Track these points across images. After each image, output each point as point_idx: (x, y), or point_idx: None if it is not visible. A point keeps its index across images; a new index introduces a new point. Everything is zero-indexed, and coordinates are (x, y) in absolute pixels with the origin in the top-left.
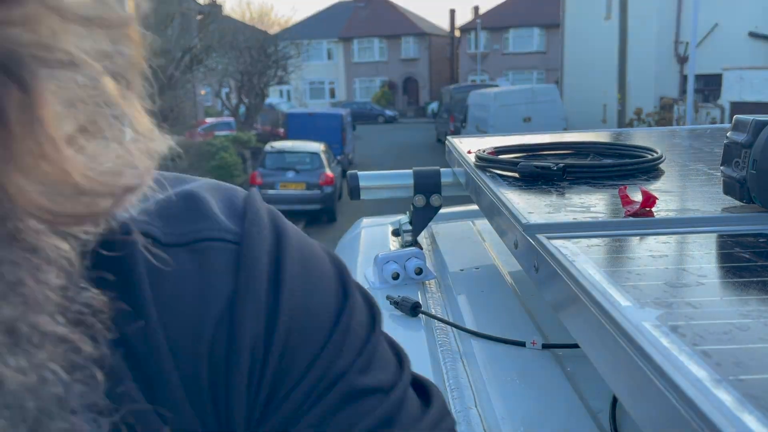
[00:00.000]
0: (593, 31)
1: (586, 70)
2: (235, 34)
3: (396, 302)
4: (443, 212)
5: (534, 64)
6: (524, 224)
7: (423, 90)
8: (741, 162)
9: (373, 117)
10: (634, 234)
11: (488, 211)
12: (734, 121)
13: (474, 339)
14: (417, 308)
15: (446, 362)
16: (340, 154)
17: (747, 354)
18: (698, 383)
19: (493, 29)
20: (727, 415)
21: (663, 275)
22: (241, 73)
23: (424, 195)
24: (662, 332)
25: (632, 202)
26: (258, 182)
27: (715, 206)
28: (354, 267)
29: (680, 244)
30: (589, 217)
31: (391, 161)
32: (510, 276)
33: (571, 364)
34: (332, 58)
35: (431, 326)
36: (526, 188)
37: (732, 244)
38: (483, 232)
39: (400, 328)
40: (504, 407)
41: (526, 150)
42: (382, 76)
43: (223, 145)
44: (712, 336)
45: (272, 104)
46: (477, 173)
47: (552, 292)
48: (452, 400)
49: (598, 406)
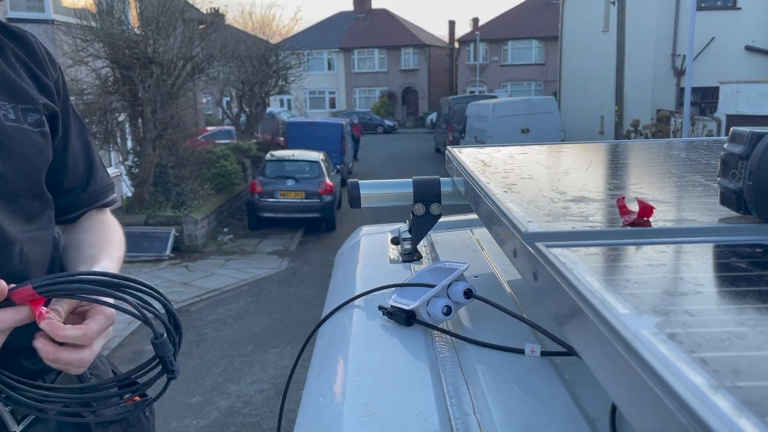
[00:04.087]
0: (591, 44)
1: (583, 82)
2: (236, 43)
3: (390, 312)
4: (442, 221)
5: (532, 76)
6: (523, 233)
7: (422, 100)
8: (738, 173)
9: (372, 127)
10: (632, 243)
11: (487, 219)
12: (731, 133)
13: (472, 347)
14: (411, 318)
15: (445, 369)
16: (339, 164)
17: (744, 361)
18: (696, 390)
19: (492, 41)
20: (725, 421)
21: (661, 284)
22: (243, 82)
23: (423, 204)
24: (660, 339)
25: (630, 212)
26: (258, 190)
27: (712, 217)
28: (353, 275)
29: (677, 254)
30: (587, 226)
31: (391, 170)
32: (509, 284)
33: (569, 371)
34: (333, 68)
35: (429, 334)
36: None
37: (729, 254)
38: (482, 240)
39: (395, 336)
40: (503, 414)
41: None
42: (381, 86)
43: (223, 153)
44: (710, 343)
45: (273, 113)
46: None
47: (551, 301)
48: (451, 407)
49: (597, 413)
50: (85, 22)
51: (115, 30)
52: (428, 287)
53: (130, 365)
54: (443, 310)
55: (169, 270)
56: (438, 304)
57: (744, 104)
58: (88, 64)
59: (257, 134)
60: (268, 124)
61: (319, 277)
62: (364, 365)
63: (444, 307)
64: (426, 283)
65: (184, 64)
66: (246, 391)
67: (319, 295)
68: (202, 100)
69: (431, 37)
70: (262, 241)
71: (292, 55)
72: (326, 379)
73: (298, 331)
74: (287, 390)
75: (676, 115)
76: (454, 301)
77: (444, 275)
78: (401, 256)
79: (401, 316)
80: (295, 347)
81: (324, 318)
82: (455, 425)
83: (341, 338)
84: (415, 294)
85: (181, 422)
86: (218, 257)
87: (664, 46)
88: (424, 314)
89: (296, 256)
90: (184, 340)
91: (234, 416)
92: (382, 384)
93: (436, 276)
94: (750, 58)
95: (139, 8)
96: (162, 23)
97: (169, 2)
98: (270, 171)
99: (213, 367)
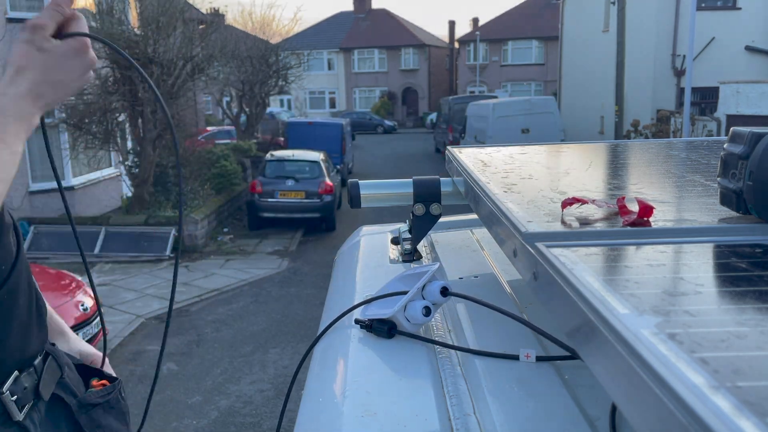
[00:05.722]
0: (591, 44)
1: (583, 82)
2: (236, 43)
3: (368, 326)
4: (442, 221)
5: (532, 76)
6: (523, 233)
7: (422, 100)
8: (738, 173)
9: (372, 127)
10: (632, 243)
11: (487, 220)
12: (731, 133)
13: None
14: (393, 329)
15: (444, 369)
16: (339, 164)
17: (744, 361)
18: (696, 390)
19: (492, 41)
20: (725, 421)
21: (661, 284)
22: (243, 83)
23: (423, 204)
24: (660, 340)
25: (630, 212)
26: (258, 190)
27: (712, 217)
28: (353, 275)
29: (677, 254)
30: (587, 226)
31: (390, 171)
32: (509, 284)
33: (569, 372)
34: (333, 68)
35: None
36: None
37: (729, 254)
38: (482, 240)
39: (394, 341)
40: (503, 414)
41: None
42: (381, 86)
43: (223, 153)
44: (710, 344)
45: (273, 113)
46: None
47: (551, 300)
48: (451, 407)
49: (597, 413)
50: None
51: (115, 30)
52: (402, 294)
53: (130, 365)
54: (422, 312)
55: (169, 270)
56: (416, 307)
57: (744, 104)
58: None
59: (257, 134)
60: (268, 124)
61: (319, 277)
62: (364, 365)
63: (423, 309)
64: (400, 291)
65: (184, 64)
66: (246, 391)
67: (319, 295)
68: (203, 100)
69: (431, 37)
70: (262, 241)
71: (292, 55)
72: (326, 380)
73: (298, 332)
74: (290, 392)
75: (676, 115)
76: (432, 302)
77: (416, 280)
78: (401, 256)
79: (381, 329)
80: (296, 347)
81: (320, 334)
82: (455, 425)
83: (341, 339)
84: (391, 303)
85: (181, 422)
86: (218, 257)
87: (664, 46)
88: (403, 320)
89: (296, 256)
90: (185, 340)
91: (234, 416)
92: (381, 384)
93: (407, 283)
94: (750, 58)
95: (139, 8)
96: (162, 23)
97: (169, 2)
98: (270, 171)
99: (213, 367)
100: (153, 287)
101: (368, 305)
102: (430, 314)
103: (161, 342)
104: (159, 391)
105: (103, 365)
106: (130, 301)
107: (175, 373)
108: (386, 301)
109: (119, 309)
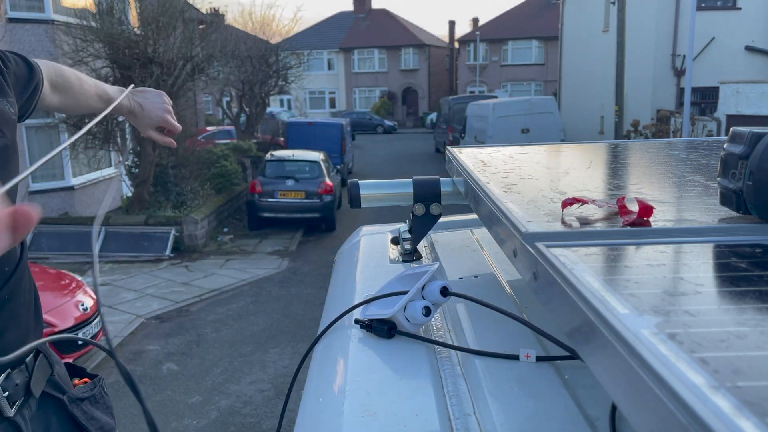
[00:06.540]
0: (591, 44)
1: (583, 82)
2: (236, 43)
3: (368, 326)
4: (442, 221)
5: (532, 76)
6: (523, 233)
7: (422, 100)
8: (738, 173)
9: (372, 127)
10: (631, 243)
11: (487, 219)
12: (731, 133)
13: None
14: (393, 329)
15: (444, 369)
16: (339, 164)
17: (744, 361)
18: (696, 390)
19: (492, 41)
20: (725, 421)
21: (661, 284)
22: (243, 82)
23: (423, 204)
24: (660, 340)
25: (630, 212)
26: (258, 190)
27: (712, 217)
28: (353, 275)
29: (677, 254)
30: (587, 226)
31: (390, 171)
32: (509, 284)
33: (569, 372)
34: (333, 68)
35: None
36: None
37: (729, 254)
38: (482, 240)
39: (394, 341)
40: (503, 414)
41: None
42: (381, 86)
43: (223, 153)
44: (710, 344)
45: (273, 113)
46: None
47: (551, 300)
48: (451, 407)
49: (597, 413)
50: (84, 22)
51: (115, 30)
52: (402, 294)
53: (130, 365)
54: (422, 312)
55: (169, 270)
56: (416, 307)
57: (744, 104)
58: (88, 64)
59: (257, 134)
60: (268, 124)
61: (319, 277)
62: (364, 365)
63: (423, 309)
64: (400, 291)
65: (184, 64)
66: (246, 391)
67: (319, 295)
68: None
69: (431, 37)
70: (262, 241)
71: (292, 55)
72: (326, 380)
73: (299, 332)
74: (290, 392)
75: (676, 115)
76: (432, 302)
77: (415, 280)
78: (401, 256)
79: (381, 329)
80: (296, 347)
81: (320, 334)
82: (455, 425)
83: (341, 339)
84: (391, 303)
85: (181, 422)
86: (218, 257)
87: (664, 46)
88: (403, 320)
89: (296, 256)
90: (185, 340)
91: (234, 416)
92: (381, 384)
93: (407, 283)
94: (750, 58)
95: (139, 8)
96: (162, 23)
97: (169, 2)
98: (270, 171)
99: (213, 367)
100: (153, 287)
101: (368, 305)
102: (430, 314)
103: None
104: (159, 391)
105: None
106: (130, 301)
107: (175, 373)
108: (386, 301)
109: (119, 309)
